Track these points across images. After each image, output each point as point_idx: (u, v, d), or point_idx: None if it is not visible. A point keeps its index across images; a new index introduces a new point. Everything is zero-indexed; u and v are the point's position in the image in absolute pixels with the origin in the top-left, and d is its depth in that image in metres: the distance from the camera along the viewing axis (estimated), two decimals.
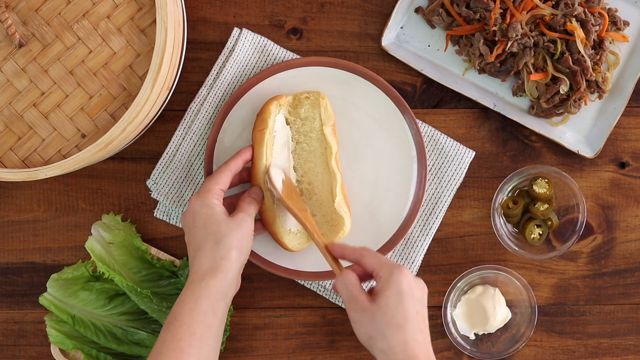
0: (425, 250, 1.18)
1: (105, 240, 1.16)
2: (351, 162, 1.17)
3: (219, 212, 1.04)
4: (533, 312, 1.17)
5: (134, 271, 1.16)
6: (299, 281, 1.19)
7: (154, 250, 1.18)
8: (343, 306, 1.19)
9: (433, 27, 1.19)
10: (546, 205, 1.16)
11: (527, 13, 1.15)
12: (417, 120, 1.16)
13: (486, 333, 1.18)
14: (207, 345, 1.00)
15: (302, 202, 1.12)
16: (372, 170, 1.17)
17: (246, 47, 1.18)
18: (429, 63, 1.19)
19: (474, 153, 1.19)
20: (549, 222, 1.17)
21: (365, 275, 1.03)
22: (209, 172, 1.15)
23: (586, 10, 1.16)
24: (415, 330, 0.99)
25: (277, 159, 1.13)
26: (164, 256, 1.18)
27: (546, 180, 1.15)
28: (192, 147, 1.18)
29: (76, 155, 1.05)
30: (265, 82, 1.16)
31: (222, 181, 1.07)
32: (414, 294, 1.00)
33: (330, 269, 1.15)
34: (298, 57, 1.19)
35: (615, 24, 1.18)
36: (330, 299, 1.19)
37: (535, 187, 1.15)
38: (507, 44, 1.15)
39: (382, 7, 1.20)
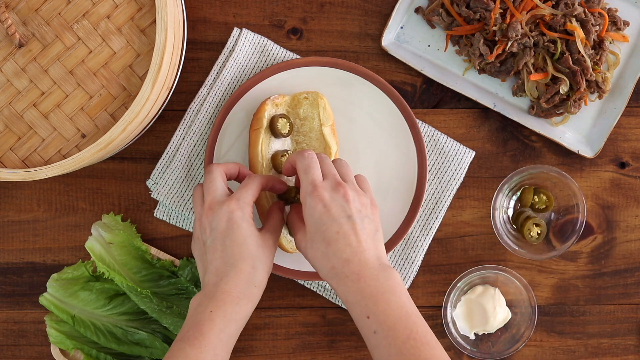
0: (425, 250, 1.18)
1: (105, 240, 1.16)
2: (351, 162, 1.17)
3: (255, 231, 1.01)
4: (533, 312, 1.16)
5: (134, 271, 1.16)
6: (299, 281, 1.19)
7: (154, 250, 1.18)
8: (343, 306, 1.19)
9: (433, 27, 1.19)
10: (544, 205, 1.17)
11: (527, 13, 1.15)
12: (417, 120, 1.16)
13: (486, 333, 1.18)
14: None
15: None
16: (372, 170, 1.17)
17: (246, 47, 1.18)
18: (429, 63, 1.19)
19: (474, 153, 1.19)
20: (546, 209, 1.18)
21: None
22: None
23: (586, 10, 1.16)
24: (339, 252, 0.97)
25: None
26: (164, 256, 1.18)
27: (543, 194, 1.17)
28: (192, 147, 1.18)
29: (76, 155, 1.05)
30: (266, 82, 1.16)
31: (257, 194, 1.04)
32: (331, 214, 0.98)
33: None
34: (298, 57, 1.19)
35: (615, 24, 1.18)
36: (330, 299, 1.19)
37: (536, 198, 1.17)
38: (507, 44, 1.15)
39: (382, 7, 1.20)
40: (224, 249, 1.00)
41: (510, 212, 1.19)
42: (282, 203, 1.08)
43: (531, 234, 1.16)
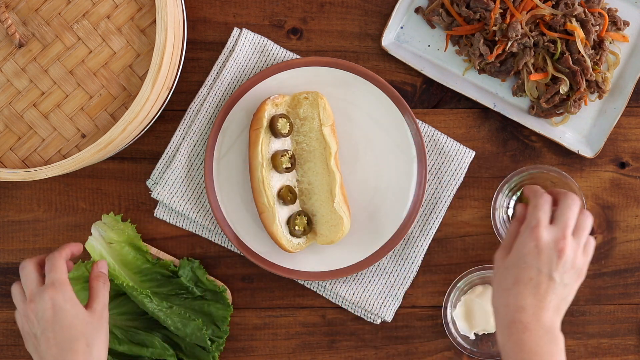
0: (425, 250, 1.18)
1: (105, 240, 1.16)
2: (351, 162, 1.17)
3: (81, 309, 1.02)
4: None
5: (134, 271, 1.16)
6: (299, 281, 1.19)
7: (154, 250, 1.18)
8: (343, 306, 1.19)
9: (433, 27, 1.19)
10: None
11: (527, 13, 1.15)
12: (417, 120, 1.16)
13: (486, 333, 1.18)
14: None
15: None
16: (372, 170, 1.17)
17: (246, 47, 1.18)
18: (429, 63, 1.19)
19: (474, 153, 1.19)
20: None
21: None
22: (209, 172, 1.15)
23: (586, 10, 1.16)
24: (520, 296, 0.98)
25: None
26: (164, 256, 1.18)
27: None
28: (192, 147, 1.18)
29: (76, 155, 1.05)
30: (266, 82, 1.16)
31: (66, 269, 1.04)
32: (538, 258, 0.99)
33: (329, 269, 1.16)
34: (298, 57, 1.19)
35: (615, 24, 1.18)
36: (330, 299, 1.19)
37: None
38: (507, 44, 1.15)
39: (382, 7, 1.20)
40: (55, 336, 1.00)
41: (510, 212, 1.19)
42: (98, 272, 1.07)
43: None
